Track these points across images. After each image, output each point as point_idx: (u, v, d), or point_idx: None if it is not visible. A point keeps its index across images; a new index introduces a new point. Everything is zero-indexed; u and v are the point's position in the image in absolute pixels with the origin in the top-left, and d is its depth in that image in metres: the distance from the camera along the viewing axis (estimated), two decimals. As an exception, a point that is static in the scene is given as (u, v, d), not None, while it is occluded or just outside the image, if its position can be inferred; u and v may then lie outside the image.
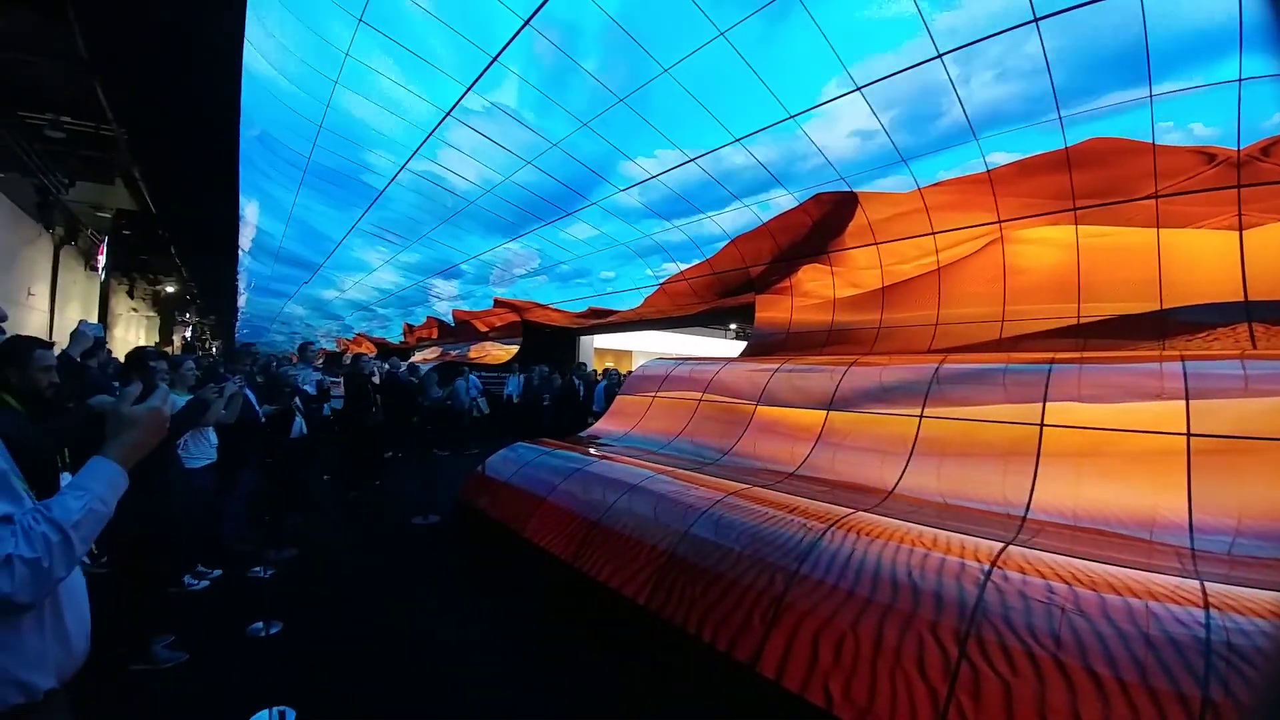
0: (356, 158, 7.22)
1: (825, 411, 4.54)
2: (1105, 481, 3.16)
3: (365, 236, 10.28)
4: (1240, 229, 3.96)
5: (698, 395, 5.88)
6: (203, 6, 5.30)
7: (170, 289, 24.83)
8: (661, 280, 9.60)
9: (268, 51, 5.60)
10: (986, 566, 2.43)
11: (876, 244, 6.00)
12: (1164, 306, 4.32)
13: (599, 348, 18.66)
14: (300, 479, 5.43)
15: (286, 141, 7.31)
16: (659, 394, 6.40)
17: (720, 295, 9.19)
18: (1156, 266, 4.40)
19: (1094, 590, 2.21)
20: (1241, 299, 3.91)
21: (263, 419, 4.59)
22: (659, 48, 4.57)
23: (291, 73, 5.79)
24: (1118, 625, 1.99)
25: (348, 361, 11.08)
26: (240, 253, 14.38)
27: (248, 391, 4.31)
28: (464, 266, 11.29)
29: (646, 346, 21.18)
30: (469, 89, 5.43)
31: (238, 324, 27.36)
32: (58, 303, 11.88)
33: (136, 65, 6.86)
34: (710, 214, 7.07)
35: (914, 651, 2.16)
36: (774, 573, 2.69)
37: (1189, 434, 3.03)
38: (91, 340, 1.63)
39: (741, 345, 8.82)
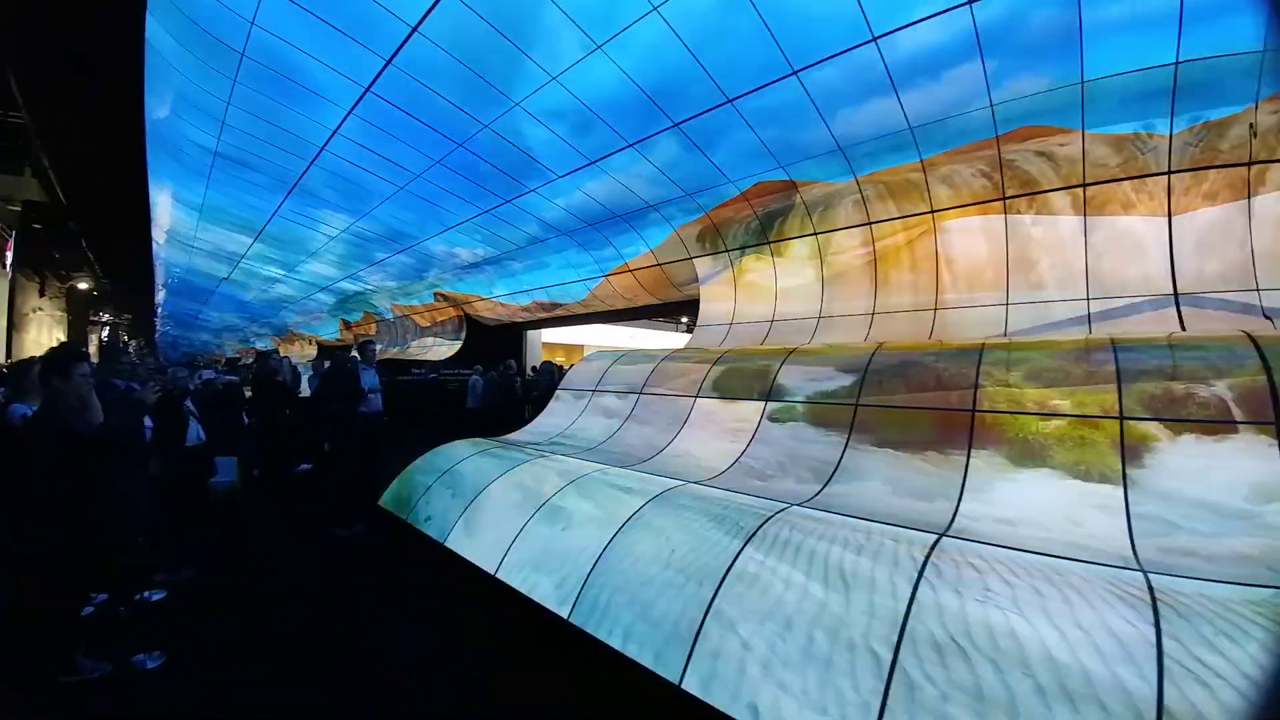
0: (271, 138, 6.65)
1: (763, 403, 4.42)
2: (1040, 468, 3.12)
3: (289, 224, 9.60)
4: (1170, 215, 4.05)
5: (637, 389, 5.69)
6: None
7: (82, 285, 22.91)
8: (607, 271, 9.37)
9: (170, 19, 5.02)
10: (920, 560, 2.32)
11: (816, 234, 5.94)
12: (1091, 294, 4.39)
13: (548, 342, 18.27)
14: (200, 490, 4.93)
15: (195, 120, 6.67)
16: (598, 388, 6.17)
17: (667, 286, 9.05)
18: (1084, 255, 4.47)
19: (1031, 584, 2.12)
20: (1170, 284, 4.01)
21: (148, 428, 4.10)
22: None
23: (195, 45, 5.22)
24: (1058, 625, 1.88)
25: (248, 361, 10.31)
26: (155, 244, 13.32)
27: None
28: (399, 256, 10.73)
29: (598, 341, 20.94)
30: (389, 62, 5.03)
31: (158, 322, 25.46)
32: (-38, 303, 10.67)
33: (34, 38, 6.16)
34: (651, 201, 6.88)
35: (846, 661, 2.02)
36: (702, 578, 2.52)
37: (1121, 417, 3.01)
38: None
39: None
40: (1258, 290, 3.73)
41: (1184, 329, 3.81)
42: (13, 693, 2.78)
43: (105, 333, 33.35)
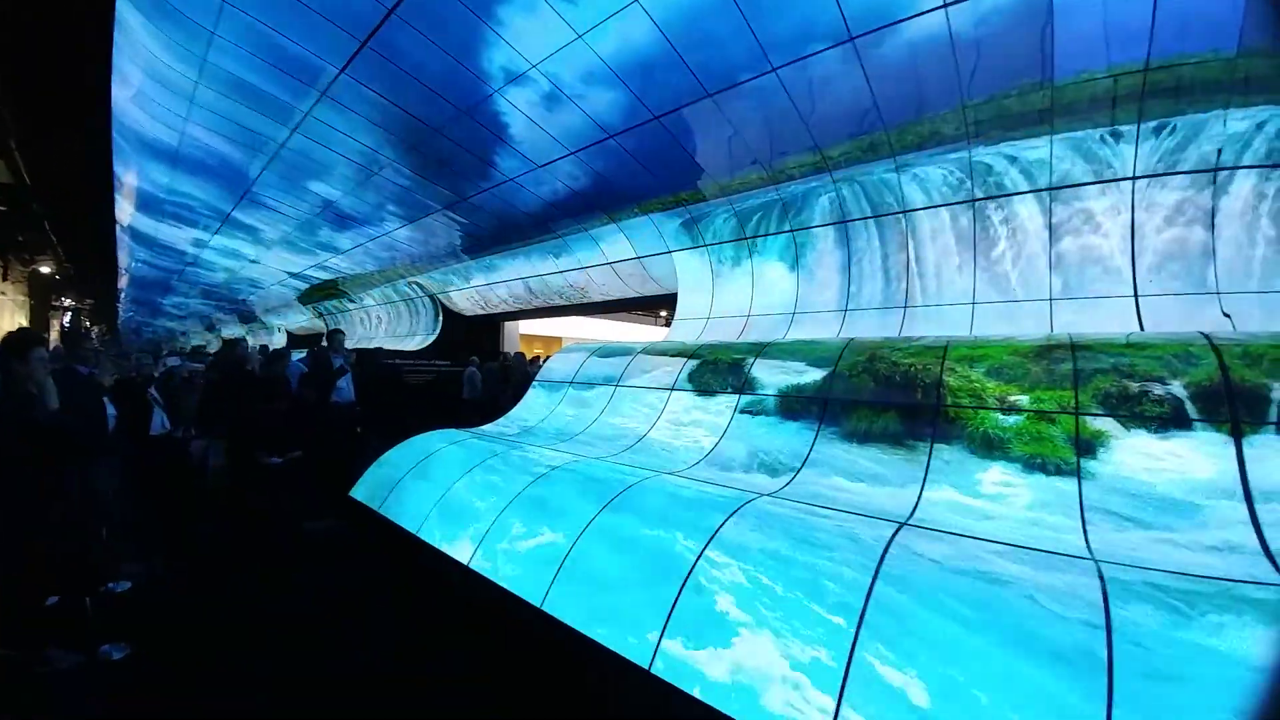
0: (241, 120, 6.48)
1: (737, 396, 4.49)
2: (999, 461, 3.20)
3: (257, 208, 9.36)
4: (1133, 218, 4.18)
5: (614, 381, 5.71)
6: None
7: (45, 269, 22.06)
8: (585, 263, 9.35)
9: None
10: (883, 546, 2.40)
11: (792, 231, 6.01)
12: (1054, 294, 4.51)
13: (525, 334, 18.15)
14: (168, 480, 4.82)
15: (163, 99, 6.45)
16: (575, 380, 6.18)
17: (646, 280, 9.06)
18: (1048, 256, 4.59)
19: (987, 570, 2.20)
20: (1131, 284, 4.15)
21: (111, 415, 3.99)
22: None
23: (165, 23, 5.04)
24: (1011, 611, 1.94)
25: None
26: (119, 227, 12.89)
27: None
28: (371, 243, 10.55)
29: (577, 333, 20.87)
30: (364, 44, 4.93)
31: (120, 308, 24.63)
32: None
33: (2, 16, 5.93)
34: (631, 194, 6.88)
35: (813, 644, 2.08)
36: (673, 566, 2.56)
37: (1077, 412, 3.11)
38: None
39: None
40: (1218, 294, 3.87)
41: (1143, 329, 3.96)
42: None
43: (67, 318, 32.22)
